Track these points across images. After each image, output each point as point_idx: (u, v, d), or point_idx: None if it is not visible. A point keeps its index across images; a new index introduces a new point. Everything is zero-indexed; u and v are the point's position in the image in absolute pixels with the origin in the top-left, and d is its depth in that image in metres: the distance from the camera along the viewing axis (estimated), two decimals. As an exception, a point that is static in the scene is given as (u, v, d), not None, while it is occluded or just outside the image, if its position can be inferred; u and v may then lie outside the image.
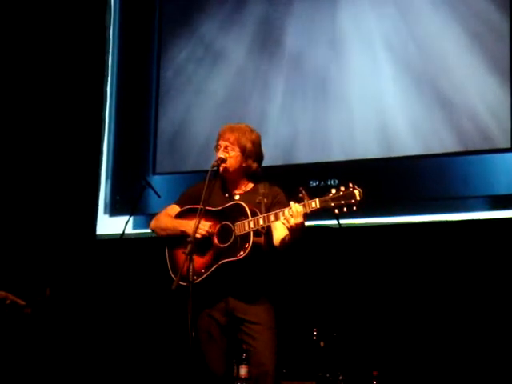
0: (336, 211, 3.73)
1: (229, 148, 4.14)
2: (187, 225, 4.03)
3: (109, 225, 7.08)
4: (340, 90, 6.50)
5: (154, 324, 6.55)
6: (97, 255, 6.90)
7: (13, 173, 7.20)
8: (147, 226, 6.81)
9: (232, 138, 4.15)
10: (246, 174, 4.19)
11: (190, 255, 3.83)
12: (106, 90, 7.38)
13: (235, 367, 5.44)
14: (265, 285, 4.09)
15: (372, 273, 6.07)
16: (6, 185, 7.14)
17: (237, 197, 4.15)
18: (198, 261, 3.99)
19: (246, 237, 3.94)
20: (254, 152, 4.16)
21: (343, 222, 5.63)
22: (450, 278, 5.91)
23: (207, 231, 3.99)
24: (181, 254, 3.96)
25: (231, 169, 4.14)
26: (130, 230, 6.41)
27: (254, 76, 6.85)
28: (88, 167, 7.26)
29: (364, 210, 6.11)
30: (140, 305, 6.63)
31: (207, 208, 4.02)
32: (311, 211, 3.77)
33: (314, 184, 6.25)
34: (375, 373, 5.54)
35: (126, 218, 6.16)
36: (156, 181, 6.76)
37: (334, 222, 5.64)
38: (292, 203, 3.80)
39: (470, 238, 5.90)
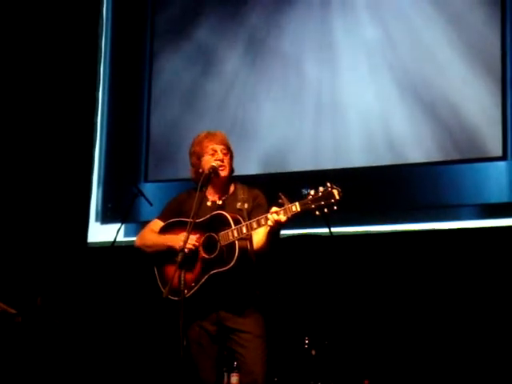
0: (317, 213, 3.72)
1: (228, 151, 4.19)
2: (174, 239, 4.02)
3: (100, 232, 7.05)
4: (332, 97, 6.49)
5: (145, 332, 6.54)
6: (88, 263, 6.88)
7: (4, 180, 7.19)
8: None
9: (224, 141, 4.21)
10: (230, 177, 4.22)
11: (181, 266, 3.84)
12: (98, 97, 7.37)
13: (226, 376, 5.43)
14: (254, 293, 4.08)
15: (363, 281, 6.07)
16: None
17: (219, 202, 4.14)
18: (187, 274, 3.96)
19: (231, 246, 3.94)
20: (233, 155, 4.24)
21: (335, 230, 5.63)
22: (442, 287, 5.91)
23: (194, 245, 3.98)
24: (170, 269, 3.97)
25: (230, 171, 4.18)
26: (121, 238, 6.38)
27: (246, 83, 6.84)
28: (80, 174, 7.24)
29: (356, 218, 6.18)
30: (131, 313, 6.62)
31: (189, 220, 3.98)
32: (292, 215, 3.77)
33: (306, 192, 6.24)
34: (367, 382, 5.54)
35: (117, 225, 6.15)
36: (148, 188, 6.75)
37: (326, 230, 5.64)
38: (274, 208, 3.81)
39: (462, 246, 5.90)
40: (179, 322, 3.77)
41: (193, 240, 3.98)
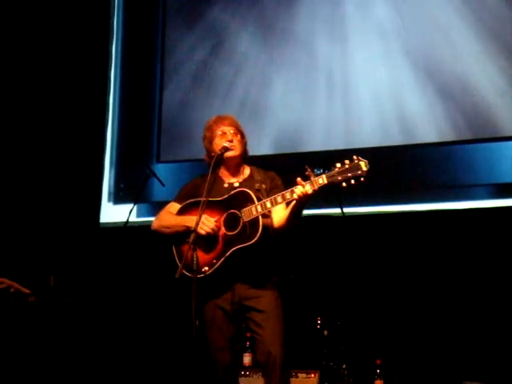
0: (344, 185, 3.74)
1: (238, 132, 4.23)
2: (191, 220, 4.01)
3: (113, 213, 7.07)
4: (344, 77, 6.48)
5: (157, 312, 6.55)
6: (101, 243, 6.90)
7: (17, 162, 7.20)
8: (151, 214, 6.90)
9: (234, 123, 4.25)
10: (243, 158, 4.26)
11: (193, 245, 3.84)
12: (110, 78, 7.36)
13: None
14: (273, 271, 4.09)
15: (376, 261, 6.07)
16: (10, 174, 7.14)
17: (236, 184, 4.17)
18: (208, 252, 4.01)
19: (254, 221, 3.94)
20: (246, 139, 4.27)
21: (347, 210, 5.62)
22: (454, 267, 5.90)
23: (212, 228, 3.99)
24: (188, 249, 3.97)
25: (241, 152, 4.21)
26: (133, 218, 6.39)
27: (257, 63, 6.83)
28: (92, 155, 7.25)
29: (368, 198, 6.17)
30: (144, 293, 6.64)
31: (211, 199, 4.03)
32: (319, 188, 3.77)
33: (318, 172, 6.22)
34: (379, 361, 5.55)
35: (129, 206, 6.15)
36: (160, 169, 6.76)
37: (338, 210, 5.64)
38: (299, 181, 3.81)
39: (475, 226, 5.89)
40: (192, 302, 3.77)
41: (211, 223, 4.00)
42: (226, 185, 4.18)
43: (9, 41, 7.35)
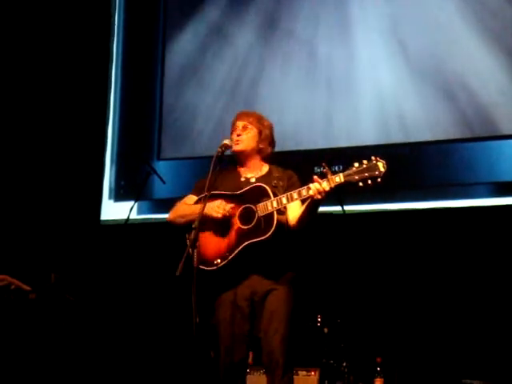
0: (360, 184, 3.74)
1: (248, 127, 4.21)
2: (208, 207, 3.99)
3: (113, 210, 7.08)
4: (346, 76, 6.48)
5: (158, 309, 6.57)
6: (101, 241, 6.90)
7: (18, 159, 7.21)
8: (152, 212, 6.92)
9: (250, 119, 4.24)
10: (261, 156, 4.24)
11: (194, 242, 3.83)
12: (111, 75, 7.37)
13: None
14: (288, 267, 4.09)
15: (376, 259, 6.08)
16: (12, 171, 7.15)
17: (253, 180, 4.17)
18: (221, 244, 4.02)
19: (269, 217, 3.94)
20: (269, 135, 4.25)
21: (347, 208, 5.62)
22: (454, 265, 5.91)
23: (228, 211, 4.01)
24: (203, 238, 3.99)
25: (248, 147, 4.20)
26: (134, 216, 6.40)
27: (259, 61, 6.83)
28: (93, 152, 7.26)
29: (368, 196, 6.17)
30: (145, 290, 6.65)
31: (226, 193, 4.08)
32: (335, 186, 3.78)
33: (319, 170, 6.25)
34: (379, 359, 5.55)
35: (130, 203, 6.14)
36: (160, 166, 6.76)
37: (338, 208, 5.64)
38: (316, 178, 3.81)
39: (475, 224, 5.89)
40: (192, 298, 3.77)
41: (227, 206, 4.02)
42: (242, 179, 4.19)
43: (11, 39, 7.35)
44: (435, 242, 5.99)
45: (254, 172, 4.22)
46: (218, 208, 4.01)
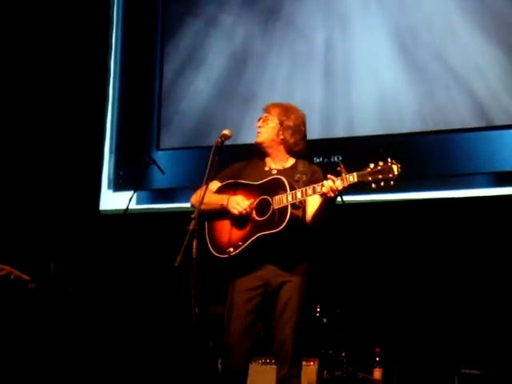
0: (373, 186, 3.78)
1: (268, 118, 4.23)
2: (228, 200, 4.08)
3: (112, 200, 7.08)
4: (345, 66, 6.47)
5: (157, 300, 6.57)
6: (100, 230, 6.91)
7: (18, 150, 7.20)
8: (151, 202, 6.92)
9: (273, 110, 4.25)
10: (285, 147, 4.24)
11: (192, 232, 3.84)
12: (110, 66, 7.36)
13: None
14: (302, 258, 4.10)
15: (375, 249, 6.08)
16: (11, 160, 7.14)
17: (274, 171, 4.18)
18: (236, 233, 4.05)
19: (283, 210, 3.96)
20: (293, 127, 4.21)
21: (346, 198, 5.61)
22: (454, 255, 5.91)
23: (245, 209, 4.03)
24: (220, 227, 4.08)
25: (268, 139, 4.22)
26: (133, 206, 6.40)
27: (257, 53, 6.82)
28: (92, 142, 7.25)
29: (368, 186, 6.16)
30: (144, 280, 6.65)
31: (246, 182, 4.13)
32: (349, 185, 3.80)
33: (318, 161, 6.25)
34: (378, 350, 5.55)
35: (129, 193, 6.14)
36: (160, 156, 6.75)
37: (338, 198, 5.62)
38: (330, 176, 3.83)
39: (475, 214, 5.89)
40: (191, 282, 3.77)
41: (245, 204, 4.04)
42: (266, 168, 4.23)
43: (10, 31, 7.33)
44: (435, 233, 5.99)
45: (278, 164, 4.23)
46: (237, 205, 4.05)
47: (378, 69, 6.34)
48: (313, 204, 4.05)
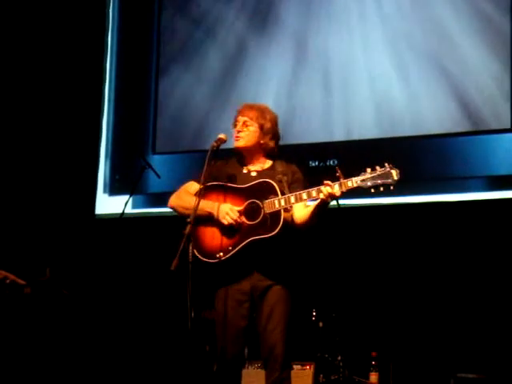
0: (372, 191, 3.75)
1: (248, 123, 4.16)
2: (214, 206, 4.01)
3: (108, 204, 7.07)
4: (341, 69, 6.47)
5: (153, 304, 6.56)
6: (96, 235, 6.90)
7: (12, 153, 7.19)
8: (147, 206, 6.91)
9: (251, 114, 4.17)
10: (264, 151, 4.20)
11: (188, 236, 3.82)
12: (106, 68, 7.35)
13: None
14: (290, 264, 4.08)
15: (370, 253, 6.08)
16: (6, 165, 7.13)
17: (253, 173, 4.14)
18: (225, 238, 4.00)
19: (276, 214, 3.93)
20: (271, 130, 4.18)
21: (342, 202, 5.61)
22: (449, 259, 5.91)
23: (236, 220, 3.97)
24: (207, 232, 4.01)
25: (249, 144, 4.16)
26: (129, 210, 6.39)
27: (253, 53, 6.82)
28: (87, 146, 7.24)
29: (363, 190, 6.16)
30: (140, 284, 6.64)
31: (234, 185, 4.06)
32: (347, 190, 3.78)
33: (314, 164, 6.24)
34: (374, 354, 5.56)
35: (125, 197, 6.12)
36: (155, 160, 6.74)
37: (333, 202, 5.62)
38: (326, 182, 3.80)
39: (470, 218, 5.90)
40: (187, 287, 3.76)
41: (236, 214, 3.98)
42: (244, 171, 4.17)
43: (5, 33, 7.33)
44: (430, 236, 5.99)
45: (257, 165, 4.19)
46: (227, 215, 3.98)
47: (376, 71, 6.33)
48: (299, 207, 4.02)
